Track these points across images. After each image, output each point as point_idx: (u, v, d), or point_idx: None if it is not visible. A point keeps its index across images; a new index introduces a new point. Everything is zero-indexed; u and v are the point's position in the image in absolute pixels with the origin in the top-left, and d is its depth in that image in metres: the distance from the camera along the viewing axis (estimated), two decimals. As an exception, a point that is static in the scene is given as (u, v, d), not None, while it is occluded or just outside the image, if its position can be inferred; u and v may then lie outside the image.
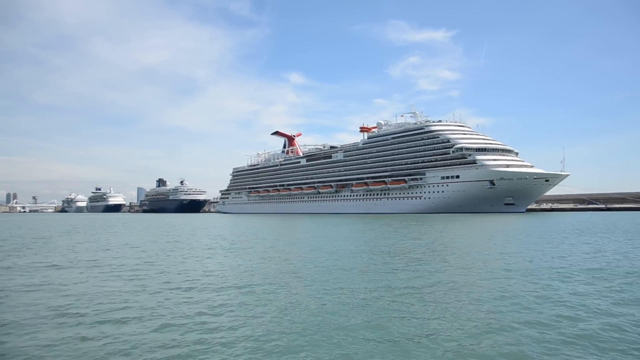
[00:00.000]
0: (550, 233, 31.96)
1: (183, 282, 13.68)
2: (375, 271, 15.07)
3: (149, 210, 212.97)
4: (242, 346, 7.60)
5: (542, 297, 10.95)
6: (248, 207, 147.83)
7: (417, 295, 11.12)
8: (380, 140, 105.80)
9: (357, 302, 10.48)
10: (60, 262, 18.99)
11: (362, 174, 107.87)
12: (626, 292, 11.43)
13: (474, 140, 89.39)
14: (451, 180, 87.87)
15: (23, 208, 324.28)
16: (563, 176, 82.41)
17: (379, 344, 7.68)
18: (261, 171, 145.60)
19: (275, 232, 40.29)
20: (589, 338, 7.91)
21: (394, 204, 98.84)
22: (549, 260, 17.35)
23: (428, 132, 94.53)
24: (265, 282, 13.41)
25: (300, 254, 21.36)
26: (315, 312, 9.64)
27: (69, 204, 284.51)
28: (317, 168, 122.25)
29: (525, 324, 8.69)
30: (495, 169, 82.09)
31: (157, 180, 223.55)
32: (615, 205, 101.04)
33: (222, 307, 10.30)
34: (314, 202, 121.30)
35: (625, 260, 17.55)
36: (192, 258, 20.10)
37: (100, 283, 13.62)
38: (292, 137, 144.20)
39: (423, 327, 8.65)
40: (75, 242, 30.40)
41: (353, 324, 8.77)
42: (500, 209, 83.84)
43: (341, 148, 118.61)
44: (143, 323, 9.02)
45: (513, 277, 13.59)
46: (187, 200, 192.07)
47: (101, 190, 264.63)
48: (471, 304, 10.26)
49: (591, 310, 9.69)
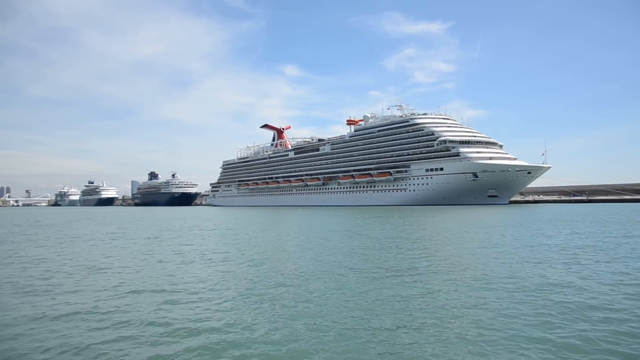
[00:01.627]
0: (513, 224, 32.43)
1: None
2: (354, 270, 15.42)
3: (141, 203, 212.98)
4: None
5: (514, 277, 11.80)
6: (238, 199, 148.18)
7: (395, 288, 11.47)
8: (367, 133, 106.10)
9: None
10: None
11: (348, 166, 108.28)
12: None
13: (458, 133, 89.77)
14: (435, 173, 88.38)
15: (16, 202, 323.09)
16: (545, 168, 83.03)
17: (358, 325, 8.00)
18: (250, 164, 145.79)
19: (246, 228, 40.54)
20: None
21: (380, 196, 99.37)
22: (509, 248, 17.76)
23: (413, 125, 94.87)
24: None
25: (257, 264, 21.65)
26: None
27: (62, 197, 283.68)
28: (305, 161, 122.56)
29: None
30: (478, 161, 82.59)
31: (149, 173, 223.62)
32: (597, 197, 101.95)
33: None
34: (302, 195, 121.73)
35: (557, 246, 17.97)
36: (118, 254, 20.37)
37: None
38: (281, 130, 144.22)
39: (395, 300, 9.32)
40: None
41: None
42: (483, 201, 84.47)
43: (329, 141, 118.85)
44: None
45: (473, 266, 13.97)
46: (178, 194, 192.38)
47: (94, 184, 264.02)
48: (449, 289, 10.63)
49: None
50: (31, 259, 17.39)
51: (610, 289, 10.33)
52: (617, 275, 12.09)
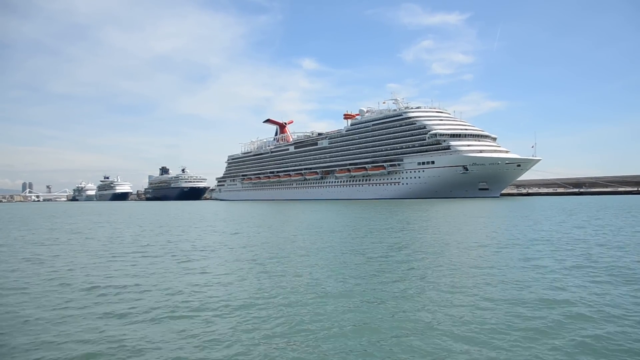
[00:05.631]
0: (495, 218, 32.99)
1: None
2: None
3: (152, 198, 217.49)
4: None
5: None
6: (242, 194, 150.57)
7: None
8: (362, 127, 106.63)
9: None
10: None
11: (344, 160, 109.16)
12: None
13: (449, 126, 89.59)
14: (427, 166, 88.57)
15: (37, 197, 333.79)
16: (535, 161, 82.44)
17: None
18: (253, 159, 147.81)
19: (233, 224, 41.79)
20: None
21: (375, 189, 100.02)
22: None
23: (406, 119, 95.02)
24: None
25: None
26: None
27: (80, 192, 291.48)
28: (304, 155, 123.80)
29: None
30: (468, 154, 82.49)
31: (160, 168, 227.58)
32: (592, 190, 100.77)
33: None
34: (302, 189, 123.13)
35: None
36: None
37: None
38: (283, 124, 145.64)
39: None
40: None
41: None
42: (474, 194, 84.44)
43: (327, 135, 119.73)
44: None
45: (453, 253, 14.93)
46: (187, 188, 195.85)
47: (109, 179, 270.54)
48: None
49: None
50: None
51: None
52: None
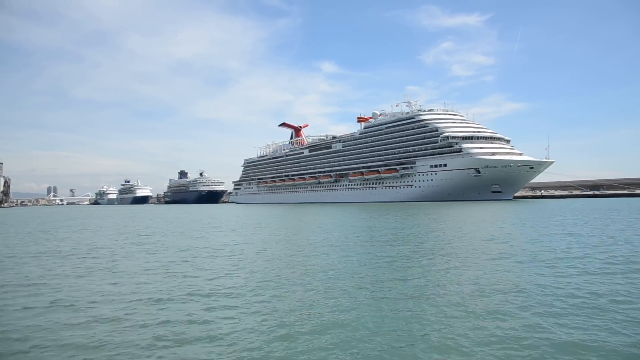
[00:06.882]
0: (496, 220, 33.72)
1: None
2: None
3: (171, 201, 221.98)
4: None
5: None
6: (257, 197, 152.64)
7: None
8: (375, 130, 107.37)
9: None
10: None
11: (358, 163, 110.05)
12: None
13: (462, 128, 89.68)
14: (439, 169, 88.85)
15: (61, 201, 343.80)
16: (547, 163, 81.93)
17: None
18: (269, 162, 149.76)
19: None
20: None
21: (388, 192, 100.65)
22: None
23: (418, 122, 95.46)
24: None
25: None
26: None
27: (102, 196, 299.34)
28: (319, 158, 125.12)
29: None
30: (481, 156, 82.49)
31: (178, 172, 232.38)
32: (608, 192, 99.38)
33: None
34: (316, 192, 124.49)
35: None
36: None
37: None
38: (298, 128, 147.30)
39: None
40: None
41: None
42: (487, 197, 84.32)
43: (340, 138, 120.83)
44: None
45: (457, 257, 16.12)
46: (205, 191, 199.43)
47: (129, 183, 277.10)
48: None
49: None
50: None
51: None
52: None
